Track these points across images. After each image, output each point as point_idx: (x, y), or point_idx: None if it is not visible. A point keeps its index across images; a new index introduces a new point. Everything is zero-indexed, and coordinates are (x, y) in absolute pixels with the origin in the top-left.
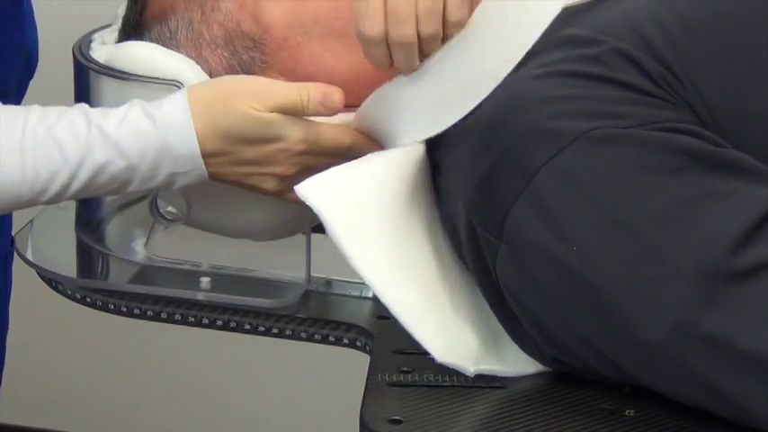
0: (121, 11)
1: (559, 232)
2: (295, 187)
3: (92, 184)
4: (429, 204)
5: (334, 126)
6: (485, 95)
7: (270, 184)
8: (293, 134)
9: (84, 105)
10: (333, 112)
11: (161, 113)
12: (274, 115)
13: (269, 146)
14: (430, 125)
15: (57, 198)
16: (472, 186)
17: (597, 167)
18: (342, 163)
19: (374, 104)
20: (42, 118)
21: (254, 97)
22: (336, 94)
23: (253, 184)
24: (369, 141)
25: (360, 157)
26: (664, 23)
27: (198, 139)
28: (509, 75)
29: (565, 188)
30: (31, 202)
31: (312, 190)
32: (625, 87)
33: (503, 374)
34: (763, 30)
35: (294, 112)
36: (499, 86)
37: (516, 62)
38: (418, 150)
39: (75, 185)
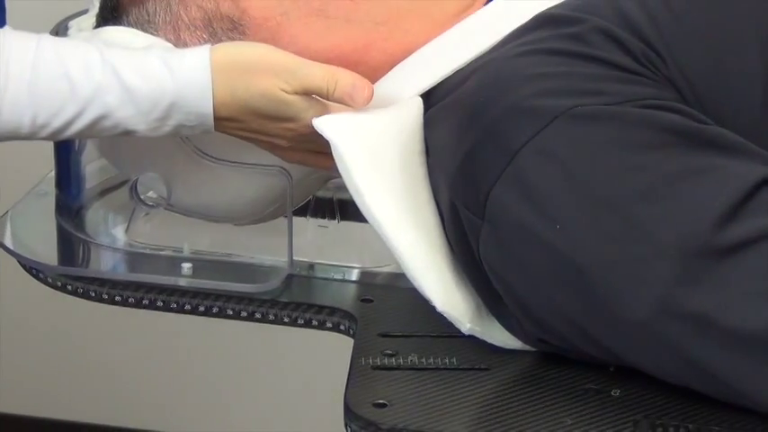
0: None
1: (542, 211)
2: (313, 121)
3: (95, 126)
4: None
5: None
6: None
7: (266, 147)
8: (306, 118)
9: (99, 42)
10: (359, 105)
11: (181, 67)
12: (295, 98)
13: (280, 123)
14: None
15: (56, 135)
16: (454, 166)
17: (579, 145)
18: None
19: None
20: (56, 48)
21: (280, 76)
22: (367, 89)
23: (251, 142)
24: None
25: None
26: (645, 1)
27: (214, 103)
28: (491, 53)
29: (547, 167)
30: (29, 135)
31: (329, 125)
32: (607, 65)
33: (491, 341)
34: (745, 7)
35: (317, 95)
36: (481, 64)
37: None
38: (419, 113)
39: (79, 124)
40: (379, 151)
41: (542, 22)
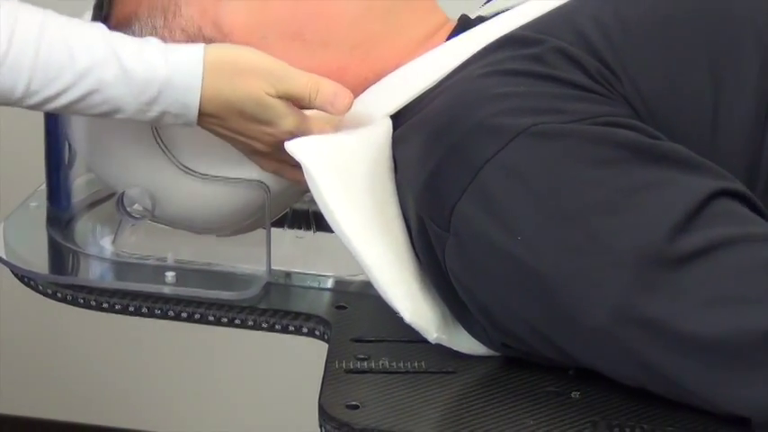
0: (88, 15)
1: (504, 223)
2: (286, 144)
3: (85, 99)
4: (395, 192)
5: (326, 125)
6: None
7: (245, 150)
8: (286, 123)
9: (101, 24)
10: (339, 113)
11: (175, 57)
12: (277, 101)
13: (259, 126)
14: (400, 96)
15: (44, 103)
16: (421, 181)
17: (539, 161)
18: None
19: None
20: (61, 21)
21: (266, 79)
22: (348, 98)
23: (229, 141)
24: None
25: None
26: (602, 22)
27: (201, 96)
28: (456, 73)
29: (509, 182)
30: (18, 101)
31: (301, 147)
32: (564, 84)
33: (457, 349)
34: (696, 27)
35: (299, 103)
36: (448, 85)
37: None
38: (388, 134)
39: (70, 95)
40: (348, 170)
41: (504, 43)
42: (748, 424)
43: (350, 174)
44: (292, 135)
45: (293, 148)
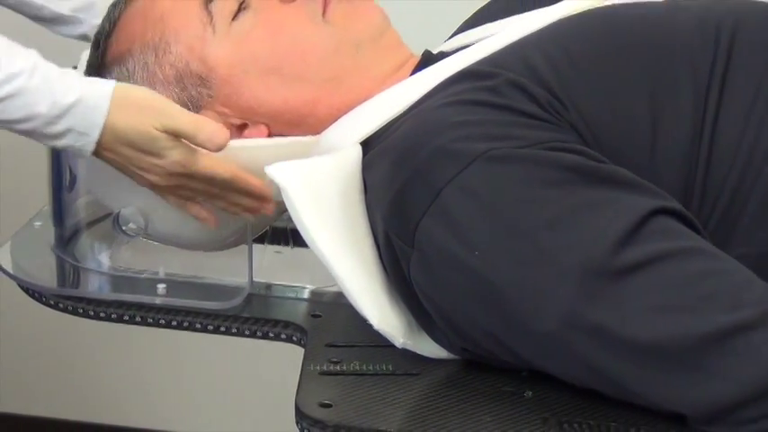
0: (85, 55)
1: (463, 239)
2: (266, 168)
3: (4, 101)
4: (364, 207)
5: (214, 159)
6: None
7: (144, 183)
8: (172, 155)
9: (34, 51)
10: (216, 149)
11: (89, 81)
12: (161, 134)
13: (148, 157)
14: (368, 125)
15: None
16: (388, 201)
17: (494, 183)
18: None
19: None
20: None
21: (154, 116)
22: (222, 137)
23: (129, 175)
24: (246, 176)
25: (240, 189)
26: (551, 56)
27: (105, 121)
28: (420, 104)
29: (467, 201)
30: None
31: (279, 171)
32: (517, 113)
33: (421, 353)
34: (636, 60)
35: (184, 138)
36: (412, 114)
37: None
38: (358, 159)
39: None
40: (321, 192)
41: (463, 76)
42: (683, 420)
43: (323, 195)
44: (183, 168)
45: (272, 171)
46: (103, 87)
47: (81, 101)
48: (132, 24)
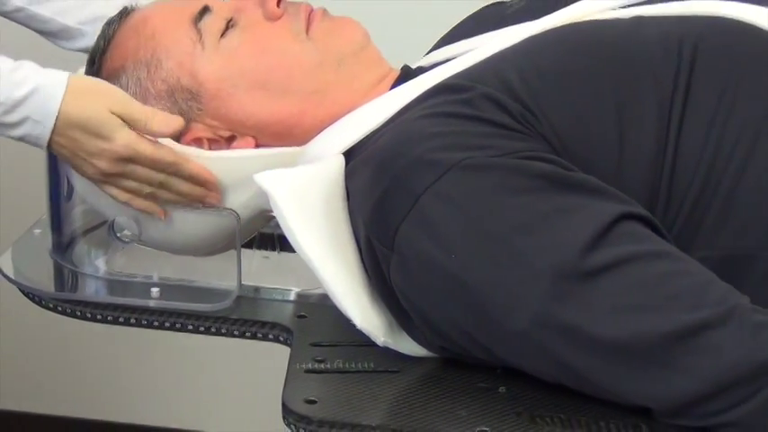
0: (81, 71)
1: (440, 243)
2: (254, 176)
3: None
4: (347, 218)
5: (158, 144)
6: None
7: (90, 171)
8: (120, 138)
9: None
10: (171, 133)
11: (45, 72)
12: (113, 117)
13: (97, 140)
14: (351, 136)
15: None
16: (369, 208)
17: (470, 190)
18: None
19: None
20: None
21: (110, 99)
22: (175, 123)
23: (77, 165)
24: (188, 162)
25: (183, 173)
26: (523, 71)
27: (60, 108)
28: (400, 116)
29: (444, 208)
30: None
31: (266, 179)
32: (491, 124)
33: (401, 351)
34: (603, 75)
35: (134, 125)
36: (392, 125)
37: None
38: (341, 168)
39: None
40: (307, 199)
41: (440, 90)
42: (649, 413)
43: (308, 201)
44: (130, 151)
45: (260, 179)
46: (58, 76)
47: (37, 89)
48: (126, 42)
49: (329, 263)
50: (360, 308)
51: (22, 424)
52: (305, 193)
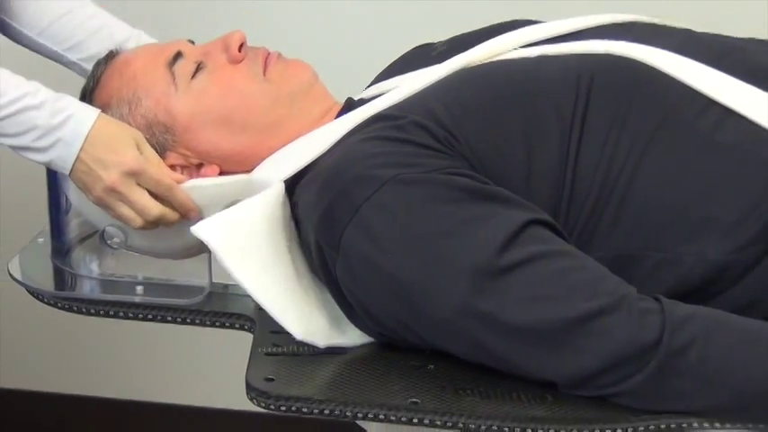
0: None
1: (378, 246)
2: (191, 228)
3: (10, 117)
4: (290, 230)
5: (162, 165)
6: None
7: (99, 188)
8: (132, 153)
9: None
10: (167, 173)
11: (79, 102)
12: (130, 138)
13: (112, 153)
14: (297, 162)
15: None
16: (317, 217)
17: (402, 200)
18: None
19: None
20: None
21: (134, 132)
22: (174, 174)
23: (89, 183)
24: (179, 190)
25: (173, 202)
26: (446, 103)
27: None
28: (344, 140)
29: (381, 216)
30: None
31: (203, 228)
32: (419, 146)
33: (344, 345)
34: (514, 106)
35: (143, 152)
36: (335, 147)
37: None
38: (280, 193)
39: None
40: (239, 236)
41: (377, 118)
42: (554, 386)
43: (240, 238)
44: (137, 164)
45: (195, 229)
46: (92, 108)
47: (73, 116)
48: (111, 82)
49: (266, 289)
50: (299, 321)
51: (22, 401)
52: (240, 231)
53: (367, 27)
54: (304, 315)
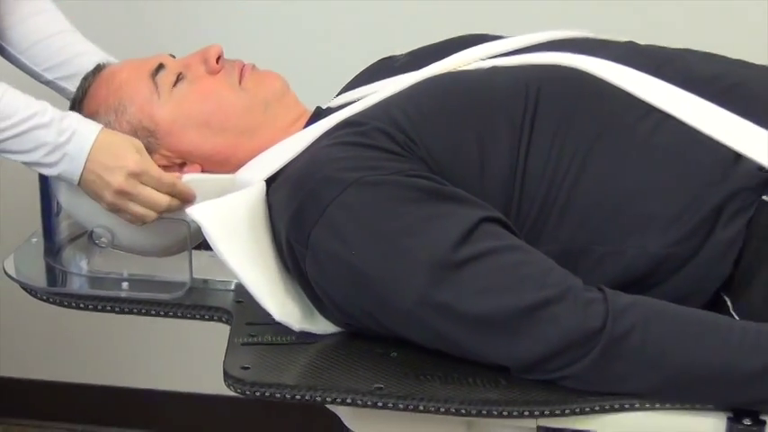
0: None
1: (344, 242)
2: (186, 210)
3: (20, 136)
4: (267, 227)
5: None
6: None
7: (107, 193)
8: (133, 157)
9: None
10: (165, 177)
11: (83, 119)
12: (131, 145)
13: (114, 158)
14: (273, 164)
15: None
16: (288, 216)
17: (366, 201)
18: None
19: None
20: (15, 90)
21: (135, 142)
22: (170, 179)
23: (98, 190)
24: (180, 183)
25: (176, 194)
26: (407, 110)
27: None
28: (312, 146)
29: (346, 215)
30: None
31: (197, 210)
32: (382, 150)
33: (316, 332)
34: (469, 115)
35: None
36: (304, 152)
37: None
38: (262, 191)
39: (13, 131)
40: (230, 222)
41: (343, 125)
42: (506, 369)
43: (231, 223)
44: (140, 167)
45: (190, 211)
46: (95, 125)
47: (76, 132)
48: (98, 92)
49: (250, 271)
50: (276, 304)
51: (18, 387)
52: (228, 217)
53: (333, 40)
54: (281, 300)
